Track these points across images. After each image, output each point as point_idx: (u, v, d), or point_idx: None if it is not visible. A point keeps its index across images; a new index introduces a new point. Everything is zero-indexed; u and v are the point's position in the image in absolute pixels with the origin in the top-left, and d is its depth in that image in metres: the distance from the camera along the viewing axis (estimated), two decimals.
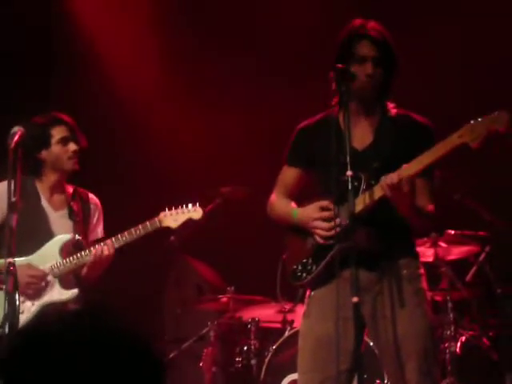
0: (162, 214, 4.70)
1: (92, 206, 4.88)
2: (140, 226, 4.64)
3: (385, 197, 3.58)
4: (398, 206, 3.61)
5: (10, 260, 3.76)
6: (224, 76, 7.47)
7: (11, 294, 3.70)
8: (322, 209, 3.78)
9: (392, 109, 3.88)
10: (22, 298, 4.42)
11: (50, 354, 1.38)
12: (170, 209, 4.73)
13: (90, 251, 4.61)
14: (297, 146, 3.99)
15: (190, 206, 4.77)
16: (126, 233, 4.64)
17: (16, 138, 3.96)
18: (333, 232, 3.71)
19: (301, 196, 4.08)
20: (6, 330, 3.65)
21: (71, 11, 7.58)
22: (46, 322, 1.46)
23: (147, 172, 7.58)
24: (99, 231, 4.88)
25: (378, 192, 3.62)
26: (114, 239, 4.64)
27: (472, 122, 3.50)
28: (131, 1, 7.84)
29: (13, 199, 3.79)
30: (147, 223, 4.66)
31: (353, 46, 3.76)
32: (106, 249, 4.57)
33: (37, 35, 7.34)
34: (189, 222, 4.75)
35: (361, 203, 3.64)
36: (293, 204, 4.00)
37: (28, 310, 4.51)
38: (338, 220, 3.67)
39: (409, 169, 3.55)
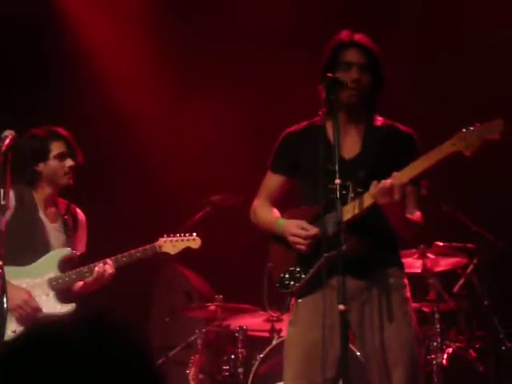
0: (161, 240, 4.83)
1: (79, 223, 4.92)
2: (140, 249, 4.74)
3: (375, 203, 3.60)
4: (388, 214, 3.64)
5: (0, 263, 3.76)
6: (214, 80, 7.47)
7: None
8: (301, 228, 3.81)
9: (378, 119, 3.92)
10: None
11: (47, 361, 1.37)
12: (168, 235, 4.85)
13: (89, 269, 4.66)
14: (282, 153, 4.01)
15: (187, 235, 4.91)
16: (126, 254, 4.73)
17: (7, 141, 3.96)
18: (307, 248, 3.75)
19: (283, 202, 4.11)
20: None
21: (59, 10, 7.57)
22: (43, 328, 1.46)
23: (136, 181, 7.58)
24: (81, 247, 4.92)
25: (367, 200, 3.64)
26: (114, 259, 4.70)
27: (464, 130, 3.52)
28: None
29: (2, 202, 3.80)
30: (147, 247, 4.77)
31: (339, 54, 3.80)
32: (108, 267, 4.62)
33: (25, 36, 7.33)
34: (186, 250, 4.90)
35: (349, 211, 3.66)
36: (275, 212, 4.01)
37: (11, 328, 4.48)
38: (312, 240, 3.73)
39: (401, 176, 3.57)
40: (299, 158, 3.93)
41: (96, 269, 4.64)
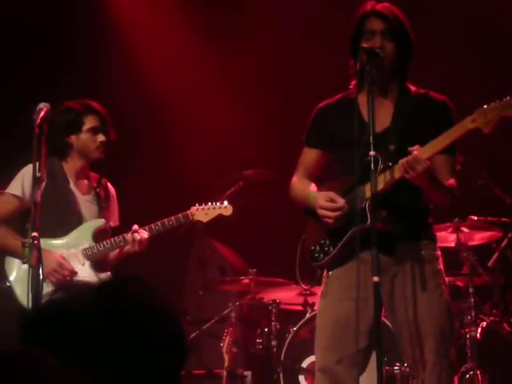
0: (193, 208, 4.87)
1: (111, 196, 4.97)
2: (173, 218, 4.78)
3: (403, 177, 3.59)
4: (418, 184, 3.63)
5: (35, 234, 3.79)
6: (247, 55, 7.46)
7: (35, 268, 3.73)
8: (330, 200, 3.81)
9: (411, 88, 3.89)
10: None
11: (75, 325, 1.38)
12: (200, 204, 4.89)
13: (123, 238, 4.71)
14: (316, 127, 4.01)
15: (219, 203, 4.98)
16: (159, 223, 4.77)
17: (42, 114, 3.99)
18: (336, 222, 3.75)
19: (323, 177, 4.10)
20: (30, 304, 3.70)
21: None
22: (72, 293, 1.47)
23: (170, 157, 7.60)
24: (114, 220, 4.97)
25: (398, 171, 3.63)
26: (147, 228, 4.74)
27: (485, 106, 3.49)
28: None
29: (38, 174, 3.83)
30: (180, 216, 4.81)
31: (363, 24, 3.79)
32: (143, 233, 4.68)
33: (58, 22, 7.36)
34: (219, 217, 4.95)
35: (379, 184, 3.65)
36: (312, 186, 4.01)
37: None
38: (339, 212, 3.72)
39: (423, 152, 3.56)
40: (333, 132, 3.93)
41: (131, 235, 4.68)
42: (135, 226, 4.73)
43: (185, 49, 7.73)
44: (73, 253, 4.69)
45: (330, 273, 3.89)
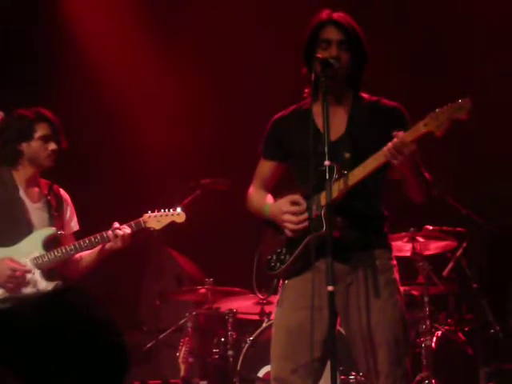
0: (146, 215, 4.83)
1: (64, 201, 4.94)
2: (125, 225, 4.72)
3: (358, 182, 3.61)
4: (402, 171, 3.63)
5: None
6: (204, 61, 7.46)
7: None
8: (293, 203, 3.80)
9: (363, 96, 3.91)
10: (1, 291, 4.47)
11: (14, 335, 1.37)
12: (153, 211, 4.86)
13: (75, 246, 4.68)
14: (271, 139, 4.01)
15: (172, 210, 4.93)
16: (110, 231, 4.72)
17: None
18: (301, 225, 3.74)
19: (279, 188, 4.11)
20: None
21: None
22: (15, 303, 1.46)
23: (126, 163, 7.57)
24: (72, 225, 4.94)
25: (352, 179, 3.63)
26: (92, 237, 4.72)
27: (437, 110, 3.51)
28: None
29: None
30: (132, 223, 4.76)
31: (319, 32, 3.79)
32: (126, 231, 4.66)
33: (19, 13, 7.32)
34: (171, 225, 4.91)
35: (334, 192, 3.65)
36: (268, 198, 4.01)
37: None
38: (306, 214, 3.72)
39: (364, 167, 3.61)
40: (289, 143, 3.93)
41: (112, 232, 4.66)
42: (116, 223, 4.70)
43: (139, 53, 7.71)
44: (22, 262, 4.64)
45: (286, 282, 3.89)
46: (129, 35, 7.69)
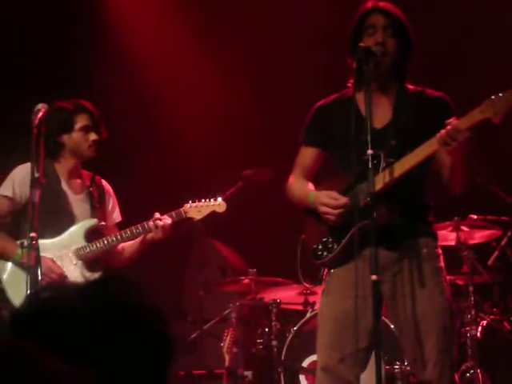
0: (186, 206, 4.85)
1: (106, 193, 4.97)
2: (166, 216, 4.75)
3: (404, 174, 3.59)
4: (452, 158, 3.62)
5: (33, 234, 3.80)
6: (246, 57, 7.46)
7: (33, 269, 3.73)
8: (332, 198, 3.81)
9: (408, 87, 3.90)
10: None
11: (60, 323, 1.38)
12: (194, 201, 4.86)
13: (116, 238, 4.71)
14: (313, 126, 4.01)
15: (212, 199, 4.93)
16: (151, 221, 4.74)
17: (40, 114, 4.00)
18: (336, 218, 3.75)
19: (319, 177, 4.10)
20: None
21: None
22: (58, 292, 1.47)
23: (167, 155, 7.60)
24: (115, 217, 4.97)
25: (397, 170, 3.64)
26: (139, 226, 4.75)
27: (493, 97, 3.50)
28: None
29: (36, 175, 3.84)
30: (173, 213, 4.78)
31: (364, 20, 3.80)
32: (167, 221, 4.68)
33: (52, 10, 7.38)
34: (212, 215, 4.91)
35: (380, 181, 3.66)
36: (310, 186, 4.01)
37: None
38: (343, 210, 3.74)
39: (415, 156, 3.59)
40: (331, 131, 3.93)
41: (153, 222, 4.68)
42: (157, 214, 4.73)
43: (181, 47, 7.72)
44: (65, 253, 4.69)
45: (332, 271, 3.89)
46: (168, 26, 7.71)
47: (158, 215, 4.72)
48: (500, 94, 3.49)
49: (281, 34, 7.42)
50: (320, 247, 3.89)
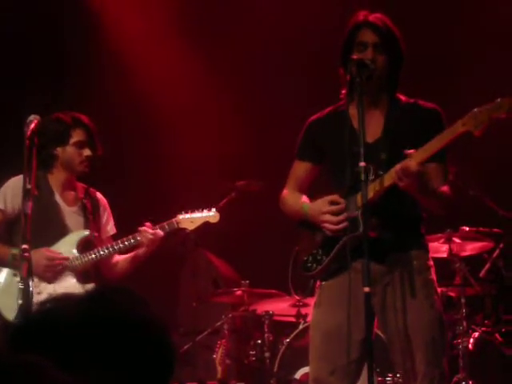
0: (179, 216, 4.83)
1: (101, 205, 4.95)
2: (157, 227, 4.73)
3: (394, 184, 3.61)
4: (410, 192, 3.64)
5: (25, 246, 3.80)
6: (239, 70, 7.48)
7: (25, 280, 3.74)
8: (331, 203, 3.82)
9: (400, 98, 3.92)
10: (38, 282, 4.49)
11: (62, 335, 1.38)
12: (186, 211, 4.85)
13: (107, 249, 4.71)
14: (307, 140, 4.02)
15: (205, 210, 4.92)
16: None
17: (32, 126, 4.00)
18: (341, 225, 3.75)
19: (313, 190, 4.12)
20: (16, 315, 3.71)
21: None
22: (59, 303, 1.47)
23: (160, 166, 7.61)
24: (109, 229, 4.96)
25: (387, 180, 3.65)
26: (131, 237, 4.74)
27: (475, 109, 3.53)
28: None
29: (28, 186, 3.84)
30: (165, 224, 4.76)
31: (355, 35, 3.81)
32: (158, 231, 4.67)
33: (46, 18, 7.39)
34: (205, 225, 4.90)
35: (370, 192, 3.67)
36: (304, 198, 4.02)
37: (47, 291, 4.57)
38: (345, 214, 3.73)
39: (415, 157, 3.58)
40: (325, 144, 3.94)
41: (144, 233, 4.67)
42: (148, 223, 4.73)
43: (177, 56, 7.74)
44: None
45: (323, 283, 3.90)
46: (165, 39, 7.73)
47: (148, 225, 4.72)
48: (482, 106, 3.52)
49: (274, 45, 7.45)
50: (310, 259, 3.90)
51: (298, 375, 5.78)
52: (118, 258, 4.84)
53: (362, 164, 3.56)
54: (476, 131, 3.49)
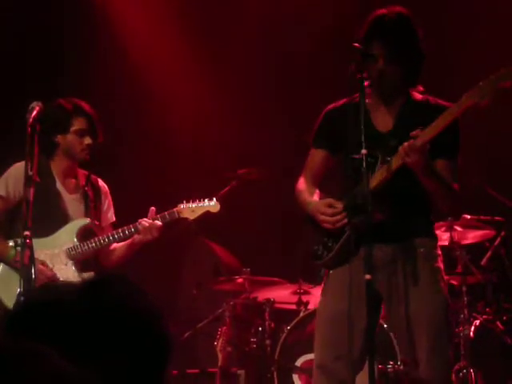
0: (180, 206, 4.81)
1: (102, 193, 4.94)
2: (159, 216, 4.72)
3: (402, 163, 3.62)
4: (417, 171, 3.64)
5: (27, 233, 3.80)
6: (243, 57, 7.47)
7: (27, 267, 3.73)
8: (328, 205, 3.85)
9: (416, 94, 3.91)
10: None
11: (59, 324, 1.38)
12: (187, 201, 4.83)
13: (107, 238, 4.69)
14: (323, 129, 4.03)
15: (206, 200, 4.90)
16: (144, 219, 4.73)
17: (34, 113, 3.99)
18: (338, 224, 3.80)
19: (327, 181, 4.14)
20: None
21: None
22: (56, 291, 1.47)
23: (164, 155, 7.60)
24: (109, 217, 4.94)
25: (395, 162, 3.66)
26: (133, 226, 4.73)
27: (480, 83, 3.54)
28: None
29: (30, 173, 3.83)
30: (166, 214, 4.75)
31: (367, 42, 3.76)
32: (156, 221, 4.66)
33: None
34: (206, 215, 4.88)
35: (376, 178, 3.70)
36: (315, 195, 4.03)
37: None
38: (342, 215, 3.77)
39: (423, 135, 3.58)
40: (340, 134, 3.93)
41: (142, 223, 4.66)
42: (153, 208, 4.72)
43: (176, 51, 7.73)
44: (56, 253, 4.66)
45: (331, 272, 3.93)
46: (163, 29, 7.73)
47: (153, 210, 4.70)
48: (487, 79, 3.53)
49: (274, 34, 7.44)
50: (320, 248, 3.92)
51: (298, 362, 5.79)
52: (115, 245, 4.83)
53: (364, 152, 3.57)
54: (482, 102, 3.49)
